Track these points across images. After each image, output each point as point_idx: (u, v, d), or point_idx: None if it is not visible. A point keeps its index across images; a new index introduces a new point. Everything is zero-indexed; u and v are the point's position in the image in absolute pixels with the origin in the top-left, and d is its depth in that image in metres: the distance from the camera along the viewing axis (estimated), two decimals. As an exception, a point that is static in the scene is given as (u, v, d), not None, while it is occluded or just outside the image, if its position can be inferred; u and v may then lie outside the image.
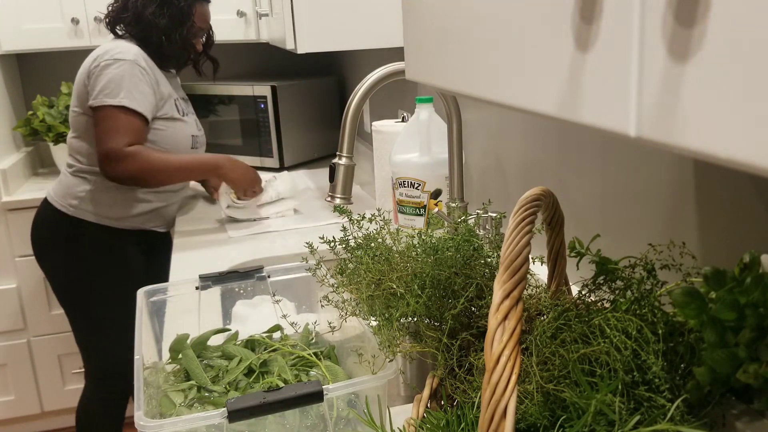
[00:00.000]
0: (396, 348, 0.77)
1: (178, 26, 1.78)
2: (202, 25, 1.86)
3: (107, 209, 1.79)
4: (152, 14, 1.75)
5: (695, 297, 0.50)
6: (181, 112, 1.83)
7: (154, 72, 1.75)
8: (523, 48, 0.43)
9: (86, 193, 1.79)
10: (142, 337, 0.94)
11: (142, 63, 1.71)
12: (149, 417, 0.76)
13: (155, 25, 1.75)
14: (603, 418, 0.51)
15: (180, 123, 1.81)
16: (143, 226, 1.85)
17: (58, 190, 1.83)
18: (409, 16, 0.66)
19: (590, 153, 0.97)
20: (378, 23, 1.51)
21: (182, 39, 1.79)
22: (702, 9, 0.27)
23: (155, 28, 1.75)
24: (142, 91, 1.69)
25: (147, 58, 1.74)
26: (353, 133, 1.13)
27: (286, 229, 1.82)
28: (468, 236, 0.79)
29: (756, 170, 0.26)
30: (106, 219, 1.79)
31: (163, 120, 1.77)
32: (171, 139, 1.78)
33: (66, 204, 1.79)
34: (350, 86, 2.68)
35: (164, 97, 1.77)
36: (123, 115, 1.66)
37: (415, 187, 1.41)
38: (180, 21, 1.78)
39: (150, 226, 1.87)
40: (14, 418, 2.61)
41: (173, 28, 1.77)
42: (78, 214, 1.78)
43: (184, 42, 1.80)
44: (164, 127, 1.77)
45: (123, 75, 1.67)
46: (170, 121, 1.78)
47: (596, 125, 0.36)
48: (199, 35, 1.87)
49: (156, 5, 1.76)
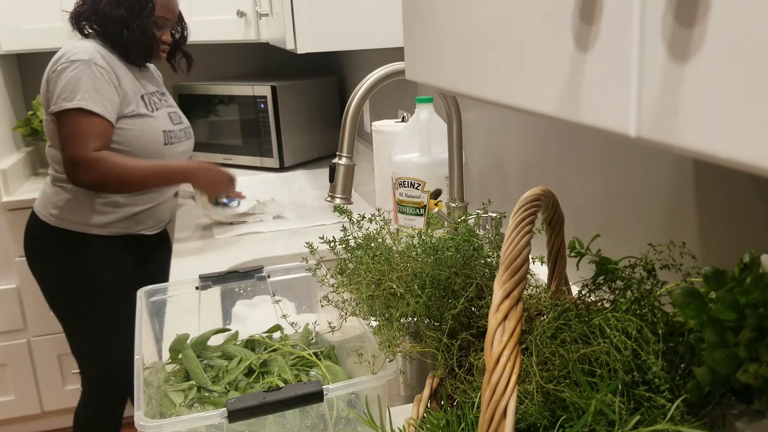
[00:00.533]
0: (396, 348, 0.77)
1: (135, 16, 1.70)
2: (166, 14, 1.78)
3: (88, 217, 1.75)
4: (108, 5, 1.69)
5: (695, 297, 0.50)
6: (150, 107, 1.76)
7: (115, 69, 1.68)
8: (523, 48, 0.43)
9: (65, 203, 1.75)
10: (142, 337, 0.94)
11: (99, 61, 1.64)
12: (149, 417, 0.76)
13: (111, 16, 1.69)
14: (603, 418, 0.51)
15: (148, 119, 1.74)
16: (129, 231, 1.80)
17: (41, 200, 1.80)
18: (409, 16, 0.66)
19: (590, 153, 0.97)
20: (378, 23, 1.51)
21: (141, 29, 1.71)
22: (702, 9, 0.27)
23: (112, 19, 1.69)
24: (100, 91, 1.62)
25: (107, 55, 1.68)
26: (353, 133, 1.13)
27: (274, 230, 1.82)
28: (468, 236, 0.79)
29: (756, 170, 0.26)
30: (89, 227, 1.75)
31: (129, 118, 1.70)
32: (139, 137, 1.71)
33: (47, 214, 1.76)
34: (350, 86, 2.68)
35: (128, 94, 1.70)
36: (83, 118, 1.60)
37: (415, 187, 1.41)
38: (138, 10, 1.70)
39: (137, 230, 1.82)
40: (14, 418, 2.61)
41: (131, 18, 1.69)
42: (60, 224, 1.75)
43: (144, 32, 1.72)
44: (130, 126, 1.70)
45: (79, 76, 1.61)
46: (136, 118, 1.71)
47: (596, 125, 0.36)
48: (163, 26, 1.79)
49: None
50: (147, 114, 1.73)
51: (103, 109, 1.62)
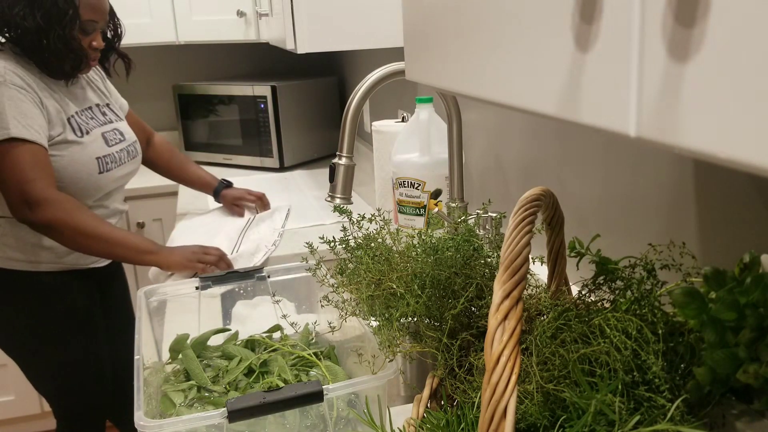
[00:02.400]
0: (396, 348, 0.77)
1: (54, 25, 1.42)
2: (93, 17, 1.49)
3: (30, 254, 1.54)
4: (19, 15, 1.41)
5: (695, 297, 0.50)
6: (78, 131, 1.50)
7: (33, 86, 1.43)
8: (523, 48, 0.43)
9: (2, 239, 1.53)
10: (142, 337, 0.94)
11: (15, 80, 1.40)
12: (149, 417, 0.76)
13: (25, 28, 1.42)
14: (603, 418, 0.51)
15: (77, 146, 1.49)
16: (77, 265, 1.60)
17: None
18: (408, 17, 0.66)
19: (590, 153, 0.97)
20: (378, 23, 1.51)
21: (63, 40, 1.44)
22: (702, 9, 0.27)
23: (26, 30, 1.42)
24: (27, 114, 1.39)
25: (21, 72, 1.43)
26: (353, 133, 1.13)
27: None
28: (468, 236, 0.79)
29: (756, 170, 0.26)
30: (32, 264, 1.54)
31: (55, 145, 1.46)
32: (67, 168, 1.47)
33: None
34: (350, 86, 2.68)
35: (52, 115, 1.46)
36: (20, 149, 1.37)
37: (415, 187, 1.41)
38: (57, 18, 1.42)
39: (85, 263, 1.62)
40: (14, 418, 2.61)
41: (49, 28, 1.42)
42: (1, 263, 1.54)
43: (66, 43, 1.44)
44: (58, 154, 1.46)
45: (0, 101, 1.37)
46: (63, 145, 1.47)
47: (596, 125, 0.36)
48: (91, 30, 1.50)
49: (23, 3, 1.41)
50: (74, 140, 1.49)
51: (36, 135, 1.40)
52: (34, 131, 1.40)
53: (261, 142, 2.55)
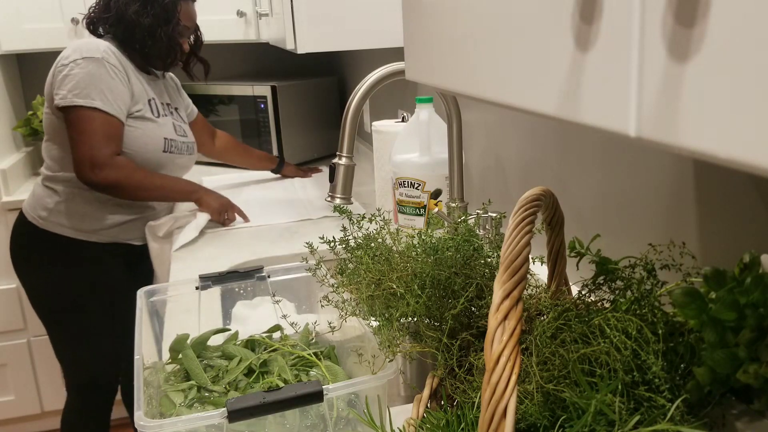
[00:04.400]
0: (396, 348, 0.77)
1: (163, 25, 1.71)
2: (188, 23, 1.80)
3: (77, 222, 1.73)
4: (135, 13, 1.68)
5: (695, 297, 0.50)
6: (155, 112, 1.76)
7: (126, 68, 1.68)
8: (523, 48, 0.43)
9: (55, 205, 1.72)
10: (142, 337, 0.94)
11: (111, 60, 1.64)
12: (149, 417, 0.76)
13: (139, 24, 1.69)
14: (603, 418, 0.51)
15: (151, 124, 1.73)
16: (117, 239, 1.78)
17: (30, 200, 1.78)
18: (409, 16, 0.66)
19: (590, 153, 0.97)
20: (378, 23, 1.51)
21: (168, 38, 1.73)
22: (702, 9, 0.27)
23: (139, 27, 1.69)
24: (114, 91, 1.62)
25: (118, 54, 1.67)
26: (353, 133, 1.13)
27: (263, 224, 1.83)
28: (468, 236, 0.79)
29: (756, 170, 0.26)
30: (77, 232, 1.73)
31: (133, 118, 1.69)
32: (139, 139, 1.70)
33: (36, 216, 1.74)
34: (350, 86, 2.68)
35: (136, 94, 1.70)
36: (99, 118, 1.60)
37: (415, 187, 1.41)
38: (165, 19, 1.71)
39: (124, 238, 1.80)
40: (14, 418, 2.61)
41: (157, 26, 1.70)
42: (47, 226, 1.73)
43: (170, 41, 1.74)
44: (133, 126, 1.69)
45: (93, 74, 1.60)
46: (140, 120, 1.70)
47: (596, 125, 0.36)
48: (185, 34, 1.81)
49: (139, 4, 1.69)
50: (150, 118, 1.72)
51: (117, 110, 1.62)
52: (116, 106, 1.62)
53: (261, 142, 2.55)
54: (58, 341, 1.84)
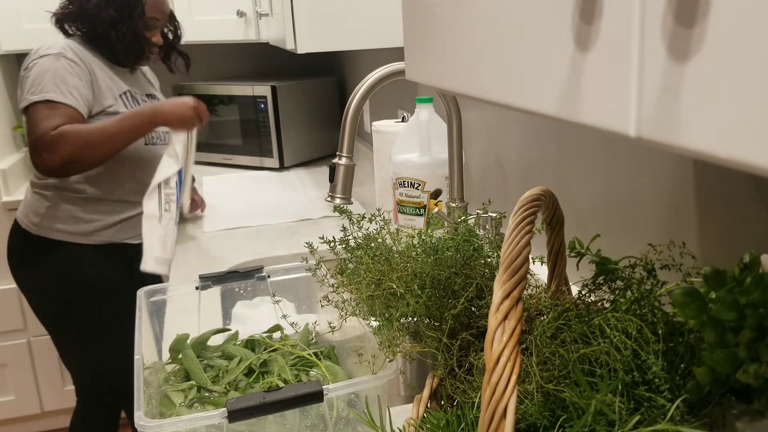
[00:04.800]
0: (396, 348, 0.77)
1: (126, 18, 1.64)
2: (156, 15, 1.71)
3: (70, 225, 1.69)
4: (96, 7, 1.63)
5: (695, 297, 0.50)
6: (129, 105, 1.68)
7: (90, 64, 1.62)
8: (523, 48, 0.43)
9: (46, 210, 1.68)
10: (142, 337, 0.94)
11: (68, 55, 1.58)
12: (149, 417, 0.76)
13: (100, 18, 1.63)
14: (603, 418, 0.51)
15: None
16: (113, 240, 1.74)
17: (22, 207, 1.75)
18: (408, 16, 0.66)
19: (590, 153, 0.97)
20: (378, 23, 1.51)
21: (132, 31, 1.65)
22: (702, 9, 0.27)
23: (100, 21, 1.63)
24: (68, 83, 1.55)
25: (81, 51, 1.62)
26: (353, 133, 1.13)
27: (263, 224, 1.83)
28: (468, 236, 0.79)
29: (756, 170, 0.26)
30: (71, 235, 1.70)
31: (106, 115, 1.63)
32: None
33: (29, 222, 1.70)
34: (350, 86, 2.68)
35: (103, 90, 1.64)
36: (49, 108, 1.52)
37: (415, 187, 1.41)
38: (128, 12, 1.64)
39: (121, 238, 1.76)
40: (14, 418, 2.61)
41: (120, 20, 1.64)
42: (42, 232, 1.69)
43: (134, 34, 1.66)
44: None
45: (47, 69, 1.55)
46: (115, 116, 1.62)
47: (596, 125, 0.36)
48: (153, 27, 1.72)
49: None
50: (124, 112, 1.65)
51: (72, 100, 1.55)
52: (71, 97, 1.55)
53: (261, 142, 2.55)
54: (63, 347, 1.82)
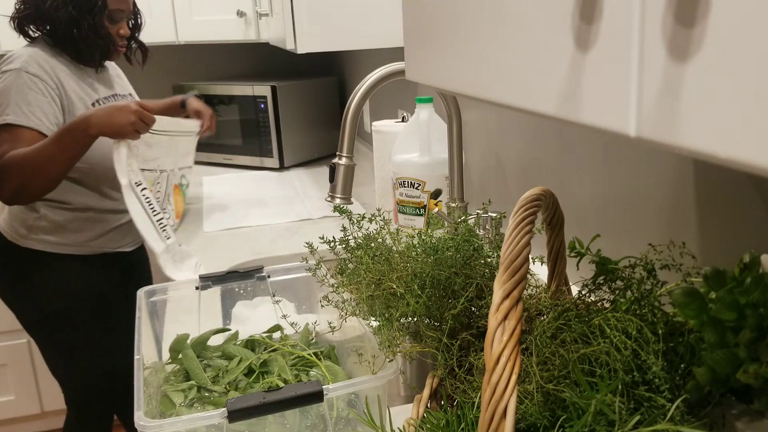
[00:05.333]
0: (396, 348, 0.77)
1: (85, 14, 1.52)
2: (120, 6, 1.59)
3: (60, 237, 1.61)
4: (53, 7, 1.51)
5: (695, 297, 0.50)
6: None
7: (57, 75, 1.51)
8: (523, 48, 0.43)
9: (34, 221, 1.60)
10: (142, 337, 0.94)
11: (31, 69, 1.47)
12: (149, 417, 0.76)
13: (57, 18, 1.51)
14: (603, 418, 0.51)
15: None
16: (105, 249, 1.67)
17: (6, 218, 1.65)
18: (408, 16, 0.66)
19: (590, 153, 0.97)
20: (378, 23, 1.51)
21: (93, 28, 1.54)
22: (702, 9, 0.27)
23: (58, 21, 1.52)
24: (31, 102, 1.45)
25: (47, 61, 1.51)
26: (353, 133, 1.13)
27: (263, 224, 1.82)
28: (468, 236, 0.79)
29: (756, 170, 0.26)
30: (61, 246, 1.62)
31: None
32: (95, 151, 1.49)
33: (15, 234, 1.62)
34: (350, 86, 2.68)
35: (74, 102, 1.53)
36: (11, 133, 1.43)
37: (415, 187, 1.41)
38: (87, 8, 1.52)
39: (113, 247, 1.69)
40: (14, 418, 2.61)
41: (80, 17, 1.52)
42: (30, 244, 1.60)
43: (96, 31, 1.54)
44: None
45: (8, 87, 1.45)
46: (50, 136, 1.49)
47: (596, 125, 0.36)
48: (118, 19, 1.60)
49: None
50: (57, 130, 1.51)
51: (35, 120, 1.45)
52: (34, 117, 1.45)
53: (261, 142, 2.55)
54: (50, 357, 1.76)
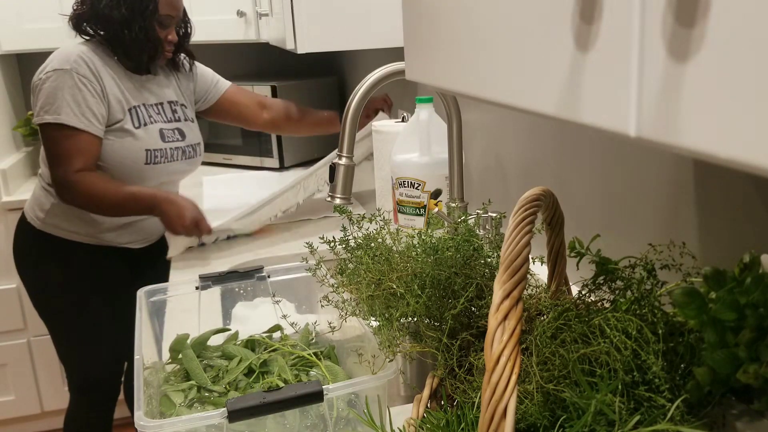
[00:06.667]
0: (396, 348, 0.77)
1: (137, 16, 1.57)
2: (170, 12, 1.63)
3: (72, 224, 1.68)
4: (107, 6, 1.56)
5: (695, 297, 0.50)
6: (137, 121, 1.62)
7: (102, 77, 1.57)
8: (523, 48, 0.43)
9: (51, 207, 1.68)
10: (142, 337, 0.94)
11: (81, 69, 1.53)
12: (149, 417, 0.76)
13: (111, 18, 1.56)
14: (603, 418, 0.51)
15: (129, 138, 1.60)
16: (113, 243, 1.73)
17: (30, 201, 1.75)
18: (408, 16, 0.66)
19: (590, 153, 0.97)
20: (378, 23, 1.51)
21: (144, 30, 1.58)
22: (702, 9, 0.27)
23: (112, 21, 1.57)
24: (81, 104, 1.52)
25: (95, 61, 1.57)
26: (353, 133, 1.13)
27: None
28: (468, 236, 0.79)
29: (756, 170, 0.26)
30: (74, 234, 1.69)
31: (114, 131, 1.59)
32: (116, 152, 1.59)
33: (34, 216, 1.71)
34: (350, 86, 2.68)
35: (113, 104, 1.59)
36: (64, 134, 1.51)
37: (415, 187, 1.41)
38: (140, 10, 1.57)
39: (121, 242, 1.74)
40: (14, 418, 2.61)
41: (132, 19, 1.56)
42: (46, 227, 1.69)
43: (146, 34, 1.59)
44: (110, 139, 1.58)
45: (60, 87, 1.51)
46: (118, 133, 1.59)
47: (596, 125, 0.36)
48: (167, 24, 1.64)
49: None
50: (129, 130, 1.61)
51: (86, 123, 1.53)
52: (85, 120, 1.52)
53: (261, 142, 2.55)
54: (58, 341, 1.83)
